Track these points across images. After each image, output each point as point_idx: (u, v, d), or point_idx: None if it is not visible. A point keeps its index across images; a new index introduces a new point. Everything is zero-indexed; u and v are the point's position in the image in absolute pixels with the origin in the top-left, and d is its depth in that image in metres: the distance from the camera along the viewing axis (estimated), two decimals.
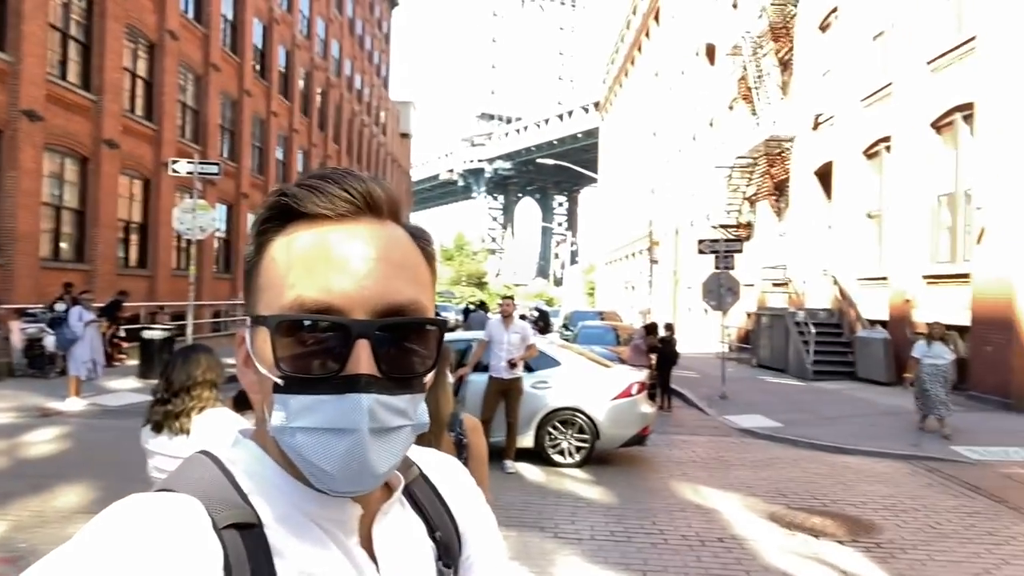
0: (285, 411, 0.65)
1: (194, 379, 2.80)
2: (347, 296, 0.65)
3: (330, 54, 37.62)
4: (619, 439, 8.43)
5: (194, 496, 0.65)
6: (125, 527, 0.58)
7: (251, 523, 0.65)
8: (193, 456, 0.72)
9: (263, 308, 0.68)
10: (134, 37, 19.25)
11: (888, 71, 16.76)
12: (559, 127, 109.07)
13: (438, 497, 0.85)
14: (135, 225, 19.80)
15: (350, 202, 0.69)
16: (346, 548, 0.70)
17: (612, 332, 17.16)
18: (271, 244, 0.70)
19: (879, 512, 6.76)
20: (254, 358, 0.69)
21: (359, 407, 0.63)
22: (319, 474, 0.65)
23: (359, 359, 0.64)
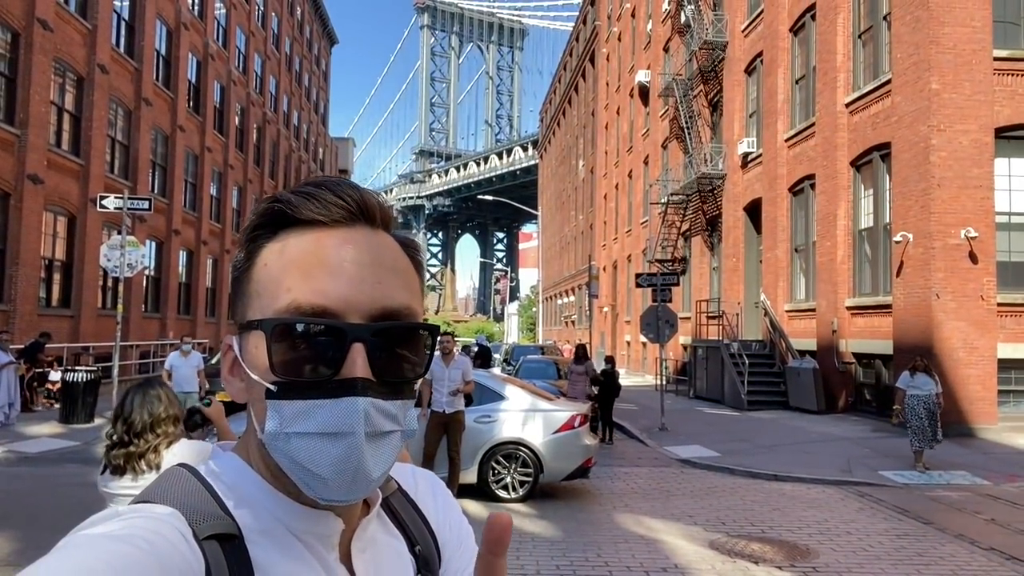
0: (279, 416, 0.65)
1: (156, 416, 2.74)
2: (343, 300, 0.65)
3: (267, 90, 37.31)
4: (563, 472, 8.44)
5: (174, 507, 0.64)
6: (105, 540, 0.57)
7: (232, 535, 0.64)
8: (171, 469, 0.71)
9: (255, 313, 0.68)
10: (62, 70, 18.72)
11: (810, 113, 17.64)
12: (498, 164, 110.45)
13: (416, 510, 0.85)
14: (59, 263, 18.99)
15: (345, 209, 0.69)
16: (326, 563, 0.70)
17: (553, 366, 17.25)
18: (263, 250, 0.70)
19: (814, 537, 6.93)
20: (244, 365, 0.69)
21: (355, 410, 0.63)
22: (312, 481, 0.64)
23: (355, 363, 0.64)
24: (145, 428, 2.71)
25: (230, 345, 0.72)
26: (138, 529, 0.58)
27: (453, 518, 0.89)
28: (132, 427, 2.70)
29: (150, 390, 2.79)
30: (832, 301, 16.05)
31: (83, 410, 13.09)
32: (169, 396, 2.82)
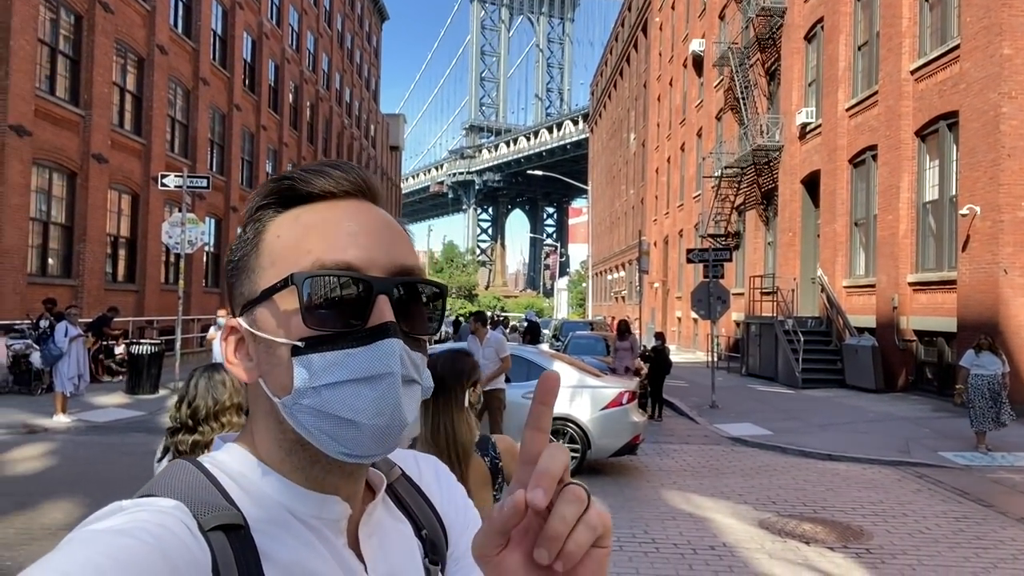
0: (308, 372, 0.66)
1: (221, 404, 2.58)
2: (364, 258, 0.68)
3: (320, 68, 37.70)
4: (610, 449, 8.44)
5: (178, 500, 0.64)
6: (111, 534, 0.57)
7: (238, 524, 0.65)
8: (174, 462, 0.72)
9: (272, 280, 0.69)
10: (123, 52, 19.25)
11: (873, 81, 16.96)
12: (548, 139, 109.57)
13: (421, 495, 0.86)
14: (123, 240, 19.71)
15: (352, 183, 0.73)
16: (334, 548, 0.70)
17: (602, 342, 17.18)
18: (272, 223, 0.72)
19: (868, 518, 6.79)
20: (263, 334, 0.69)
21: (392, 351, 0.66)
22: (343, 431, 0.65)
23: (383, 312, 0.67)
24: (209, 415, 2.54)
25: (233, 327, 0.73)
26: (143, 523, 0.59)
27: (458, 501, 0.90)
28: (196, 413, 2.55)
29: (215, 374, 2.63)
30: (893, 276, 15.53)
31: (148, 381, 13.64)
32: (235, 383, 2.62)
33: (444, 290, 0.76)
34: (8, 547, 5.43)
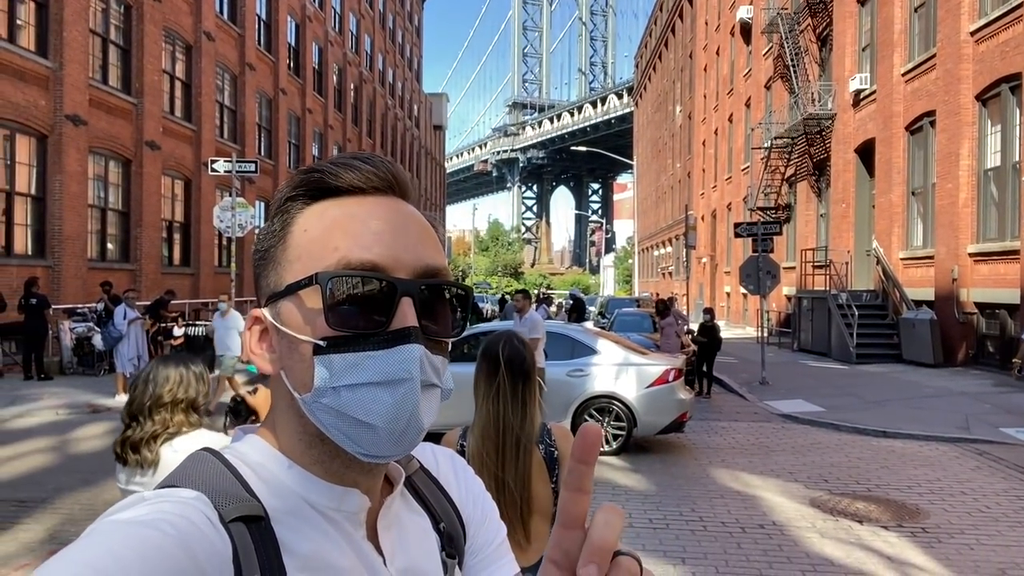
0: (329, 371, 0.65)
1: (157, 398, 2.26)
2: (389, 257, 0.68)
3: (362, 49, 37.88)
4: (656, 426, 8.38)
5: (199, 491, 0.64)
6: (132, 524, 0.57)
7: (258, 516, 0.65)
8: (195, 453, 0.72)
9: (298, 275, 0.68)
10: (171, 39, 19.64)
11: (931, 43, 16.25)
12: (592, 114, 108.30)
13: (439, 488, 0.85)
14: (178, 224, 20.26)
15: (381, 178, 0.72)
16: (353, 541, 0.70)
17: (649, 319, 17.02)
18: (300, 216, 0.71)
19: (925, 496, 6.61)
20: (286, 329, 0.69)
21: (413, 356, 0.65)
22: (360, 433, 0.65)
23: (406, 315, 0.66)
24: (142, 411, 2.25)
25: (258, 317, 0.72)
26: (164, 514, 0.59)
27: (476, 493, 0.89)
28: (132, 406, 2.28)
29: (164, 367, 2.32)
30: (952, 247, 14.96)
31: (204, 362, 14.03)
32: (184, 376, 2.32)
33: (469, 292, 0.74)
34: (74, 522, 5.67)
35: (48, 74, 14.74)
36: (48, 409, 10.27)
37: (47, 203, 14.82)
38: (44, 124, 14.69)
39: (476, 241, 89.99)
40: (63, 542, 5.24)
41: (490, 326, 10.30)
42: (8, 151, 14.17)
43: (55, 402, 10.72)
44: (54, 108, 14.84)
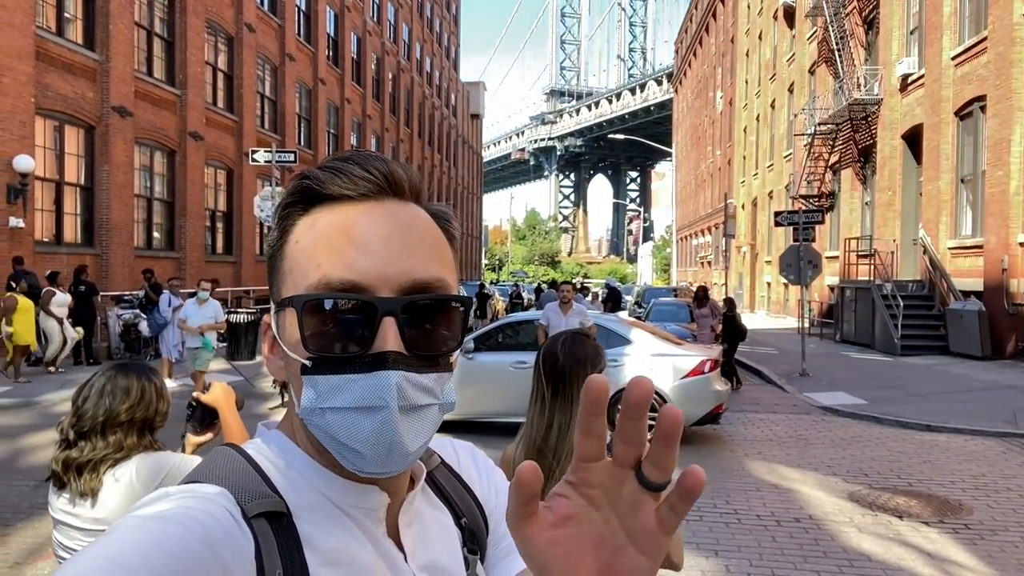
0: (315, 391, 0.65)
1: (113, 416, 1.93)
2: (372, 274, 0.65)
3: (400, 38, 38.03)
4: (692, 417, 8.30)
5: (222, 486, 0.65)
6: (157, 521, 0.58)
7: (280, 512, 0.66)
8: (218, 449, 0.73)
9: (288, 290, 0.68)
10: (214, 31, 19.97)
11: (982, 26, 15.68)
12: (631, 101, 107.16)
13: (461, 482, 0.85)
14: (220, 213, 20.67)
15: (372, 182, 0.69)
16: (374, 537, 0.71)
17: (685, 308, 16.83)
18: (294, 227, 0.70)
19: (969, 492, 6.45)
20: (280, 342, 0.69)
21: (387, 384, 0.63)
22: (349, 455, 0.65)
23: (386, 337, 0.64)
24: (95, 428, 1.92)
25: (268, 324, 0.73)
26: (189, 510, 0.60)
27: (498, 485, 0.89)
28: (81, 422, 1.93)
29: (120, 377, 1.99)
30: (1003, 237, 14.48)
31: (245, 348, 14.36)
32: (150, 393, 2.03)
33: (467, 303, 0.71)
34: None
35: (95, 67, 15.11)
36: None
37: (95, 193, 15.24)
38: (92, 116, 15.09)
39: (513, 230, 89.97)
40: None
41: (523, 316, 10.29)
42: (57, 142, 14.59)
43: None
44: (101, 100, 15.22)
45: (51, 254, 14.01)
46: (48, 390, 10.62)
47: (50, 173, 14.38)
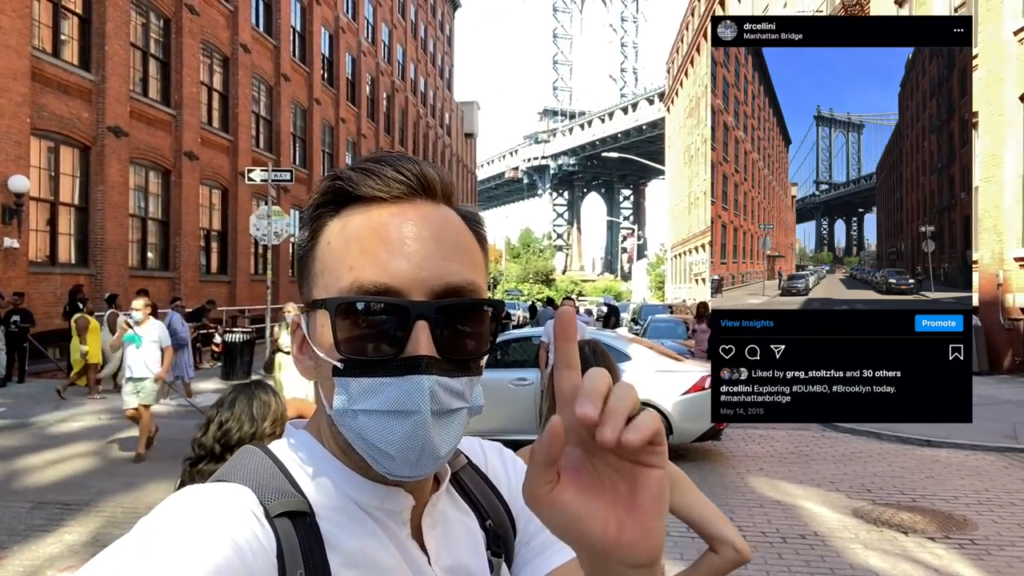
0: (346, 394, 0.65)
1: (261, 431, 2.10)
2: (405, 277, 0.65)
3: (394, 58, 38.27)
4: (693, 434, 8.27)
5: (246, 486, 0.65)
6: (181, 518, 0.59)
7: (303, 512, 0.66)
8: (245, 448, 0.73)
9: (320, 292, 0.68)
10: (209, 52, 20.05)
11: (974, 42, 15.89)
12: (623, 120, 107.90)
13: (488, 483, 0.84)
14: (215, 233, 20.63)
15: (405, 184, 0.68)
16: (398, 539, 0.70)
17: (683, 325, 16.86)
18: (326, 228, 0.70)
19: (972, 507, 6.42)
20: (311, 343, 0.69)
21: (420, 389, 0.63)
22: (380, 457, 0.64)
23: (419, 341, 0.63)
24: (242, 440, 2.04)
25: (298, 324, 0.72)
26: (213, 508, 0.61)
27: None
28: (228, 437, 2.08)
29: (259, 393, 2.16)
30: (997, 252, 14.58)
31: (241, 368, 14.27)
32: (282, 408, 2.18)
33: (499, 306, 0.71)
34: (117, 525, 5.77)
35: (91, 87, 15.13)
36: (91, 414, 10.50)
37: (90, 213, 15.20)
38: (87, 136, 15.08)
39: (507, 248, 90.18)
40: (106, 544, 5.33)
41: (523, 332, 10.26)
42: (52, 162, 14.56)
43: (99, 407, 10.95)
44: (96, 120, 15.22)
45: (45, 274, 13.93)
46: (43, 411, 10.51)
47: (45, 193, 14.34)
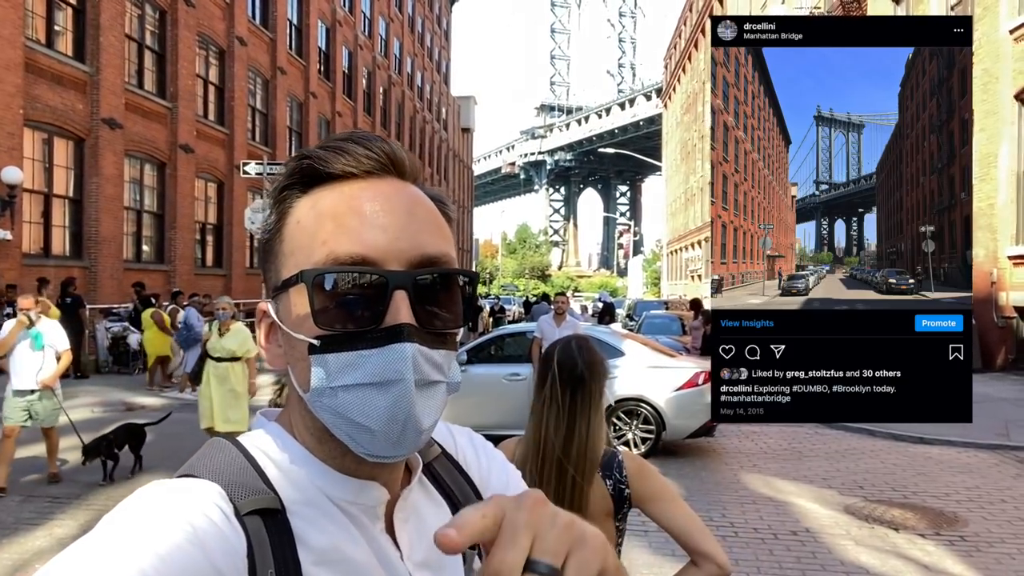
0: (325, 371, 0.63)
1: None
2: (381, 248, 0.64)
3: (391, 52, 38.15)
4: (686, 430, 8.28)
5: (216, 483, 0.64)
6: (147, 515, 0.58)
7: (274, 509, 0.64)
8: (214, 441, 0.71)
9: (291, 271, 0.66)
10: (205, 44, 19.96)
11: None
12: (620, 116, 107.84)
13: (460, 471, 0.83)
14: (211, 226, 20.57)
15: (375, 160, 0.68)
16: (370, 534, 0.69)
17: (678, 321, 16.87)
18: (293, 208, 0.69)
19: (964, 504, 6.45)
20: (283, 326, 0.68)
21: (404, 356, 0.62)
22: (360, 434, 0.63)
23: (399, 310, 0.63)
24: None
25: (264, 311, 0.71)
26: (181, 508, 0.59)
27: (496, 464, 0.87)
28: None
29: None
30: (991, 250, 14.62)
31: None
32: None
33: (475, 278, 0.71)
34: None
35: (85, 79, 15.05)
36: (84, 407, 10.48)
37: (84, 205, 15.13)
38: (81, 128, 15.01)
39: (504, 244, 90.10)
40: None
41: (517, 328, 10.26)
42: (47, 154, 14.49)
43: (91, 400, 10.93)
44: (91, 112, 15.15)
45: (39, 266, 13.87)
46: None
47: (38, 185, 14.27)
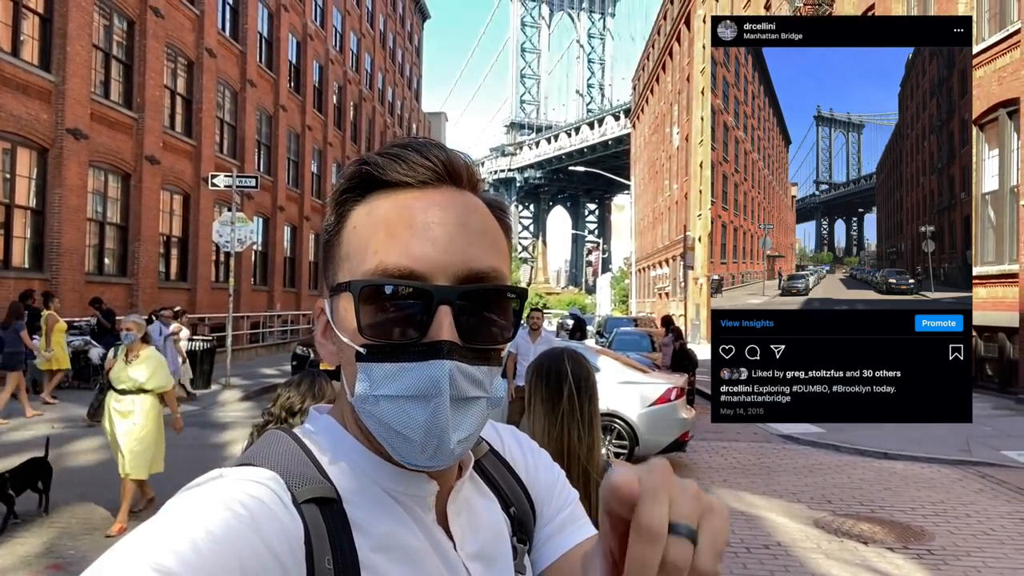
0: (368, 379, 0.65)
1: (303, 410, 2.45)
2: (429, 262, 0.65)
3: (362, 68, 38.11)
4: (658, 445, 8.33)
5: (273, 471, 0.65)
6: (204, 500, 0.59)
7: (330, 498, 0.65)
8: (271, 432, 0.73)
9: (345, 275, 0.68)
10: (173, 55, 19.73)
11: None
12: (590, 135, 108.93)
13: (508, 468, 0.84)
14: (176, 239, 20.22)
15: (431, 170, 0.69)
16: (424, 524, 0.70)
17: (647, 338, 17.01)
18: (352, 213, 0.70)
19: (929, 518, 6.57)
20: (335, 327, 0.69)
21: (441, 374, 0.63)
22: (399, 443, 0.64)
23: (441, 325, 0.63)
24: (304, 410, 2.40)
25: (322, 308, 0.73)
26: (239, 494, 0.60)
27: (542, 463, 0.88)
28: (292, 407, 2.49)
29: (321, 380, 2.63)
30: None
31: (201, 377, 13.97)
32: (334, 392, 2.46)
33: (523, 294, 0.71)
34: (71, 536, 5.59)
35: (50, 88, 14.77)
36: (44, 423, 10.18)
37: (46, 216, 14.79)
38: (45, 137, 14.70)
39: None
40: (60, 555, 5.17)
41: None
42: (8, 164, 14.15)
43: (51, 415, 10.62)
44: (55, 121, 14.85)
45: None
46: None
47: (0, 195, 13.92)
